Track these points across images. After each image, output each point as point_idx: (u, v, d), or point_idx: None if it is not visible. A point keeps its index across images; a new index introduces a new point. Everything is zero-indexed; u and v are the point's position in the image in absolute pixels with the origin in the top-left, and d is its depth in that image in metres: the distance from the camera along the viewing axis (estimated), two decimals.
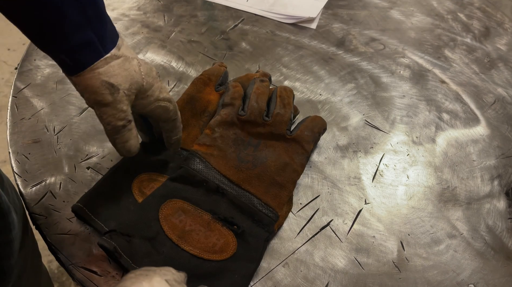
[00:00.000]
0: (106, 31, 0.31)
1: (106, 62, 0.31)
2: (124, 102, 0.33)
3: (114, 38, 0.32)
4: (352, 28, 0.63)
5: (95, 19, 0.30)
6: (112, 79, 0.31)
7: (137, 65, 0.34)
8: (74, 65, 0.31)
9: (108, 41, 0.31)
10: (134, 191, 0.40)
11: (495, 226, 0.43)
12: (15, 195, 0.43)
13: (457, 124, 0.51)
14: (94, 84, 0.31)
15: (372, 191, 0.44)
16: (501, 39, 0.63)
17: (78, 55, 0.30)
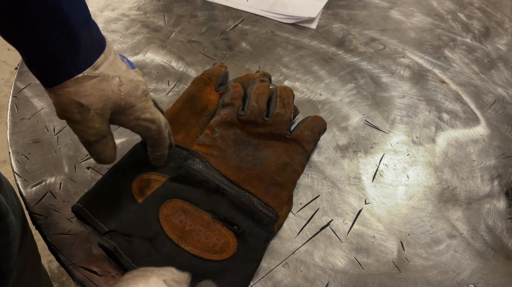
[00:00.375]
0: (78, 51, 0.30)
1: (77, 82, 0.31)
2: (96, 120, 0.32)
3: (92, 56, 0.32)
4: (352, 28, 0.63)
5: (65, 38, 0.29)
6: (82, 99, 0.31)
7: (117, 85, 0.33)
8: (46, 81, 0.31)
9: (81, 61, 0.31)
10: (134, 191, 0.40)
11: (495, 226, 0.43)
12: (14, 196, 0.43)
13: (457, 124, 0.52)
14: (63, 101, 0.31)
15: (372, 191, 0.44)
16: (501, 39, 0.63)
17: (47, 71, 0.30)
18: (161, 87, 0.52)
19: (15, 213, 0.41)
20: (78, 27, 0.30)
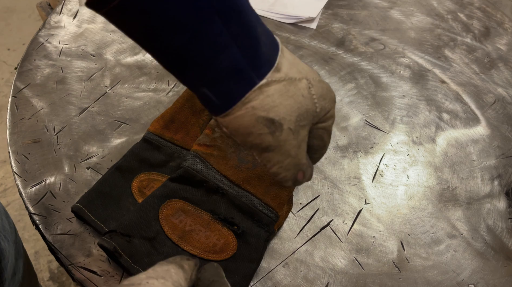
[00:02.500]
0: (259, 50, 0.23)
1: (262, 91, 0.23)
2: (291, 143, 0.24)
3: (272, 55, 0.24)
4: (352, 28, 0.63)
5: (243, 35, 0.22)
6: (271, 113, 0.23)
7: (306, 88, 0.25)
8: (219, 100, 0.24)
9: (262, 63, 0.23)
10: (134, 191, 0.40)
11: (495, 226, 0.43)
12: (6, 219, 0.42)
13: (457, 124, 0.51)
14: (247, 124, 0.24)
15: (372, 191, 0.44)
16: (501, 39, 0.63)
17: (222, 87, 0.23)
18: (161, 87, 0.52)
19: (7, 237, 0.40)
20: (254, 19, 0.23)
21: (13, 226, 0.43)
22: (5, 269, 0.39)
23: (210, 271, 0.28)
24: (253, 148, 0.25)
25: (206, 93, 0.24)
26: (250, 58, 0.23)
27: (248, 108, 0.23)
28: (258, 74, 0.23)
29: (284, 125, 0.24)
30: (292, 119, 0.24)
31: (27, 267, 0.46)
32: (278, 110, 0.24)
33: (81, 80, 0.53)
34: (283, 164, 0.25)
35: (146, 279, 0.23)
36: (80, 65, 0.54)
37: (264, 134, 0.24)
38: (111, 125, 0.48)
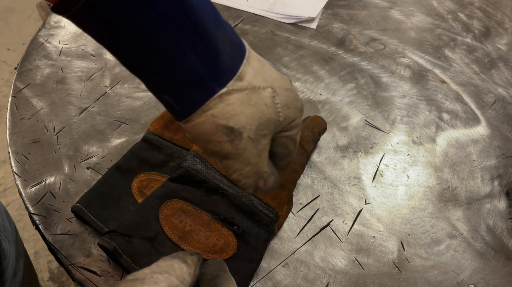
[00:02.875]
0: (218, 58, 0.23)
1: (222, 100, 0.23)
2: (251, 151, 0.24)
3: (235, 63, 0.24)
4: (352, 28, 0.63)
5: (201, 45, 0.22)
6: (231, 121, 0.23)
7: (270, 97, 0.25)
8: (180, 107, 0.24)
9: (223, 71, 0.23)
10: (134, 191, 0.40)
11: (495, 226, 0.43)
12: (7, 219, 0.42)
13: (458, 124, 0.51)
14: (207, 131, 0.24)
15: (372, 191, 0.44)
16: (502, 39, 0.63)
17: (182, 94, 0.23)
18: None
19: (8, 238, 0.40)
20: (213, 28, 0.23)
21: (13, 226, 0.43)
22: (6, 269, 0.39)
23: (214, 266, 0.28)
24: (213, 154, 0.25)
25: (168, 100, 0.24)
26: (209, 67, 0.23)
27: (208, 116, 0.24)
28: (218, 82, 0.23)
29: (244, 134, 0.24)
30: (252, 128, 0.24)
31: (27, 267, 0.46)
32: (238, 119, 0.24)
33: (81, 80, 0.53)
34: (243, 172, 0.25)
35: (150, 274, 0.23)
36: (80, 65, 0.54)
37: (224, 142, 0.24)
38: (111, 125, 0.48)
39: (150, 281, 0.22)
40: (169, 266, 0.24)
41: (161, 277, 0.23)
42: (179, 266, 0.25)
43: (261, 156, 0.25)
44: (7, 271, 0.39)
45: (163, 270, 0.24)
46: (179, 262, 0.25)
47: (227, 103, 0.23)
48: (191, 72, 0.23)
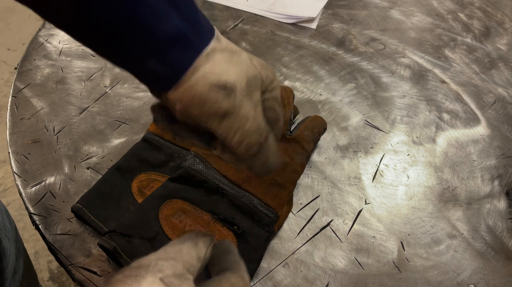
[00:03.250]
0: (199, 17, 0.23)
1: (208, 58, 0.23)
2: (247, 104, 0.24)
3: (210, 27, 0.24)
4: (352, 28, 0.63)
5: (181, 3, 0.22)
6: (222, 77, 0.23)
7: (249, 59, 0.25)
8: (168, 71, 0.22)
9: (205, 29, 0.23)
10: (134, 191, 0.40)
11: (495, 226, 0.43)
12: (7, 218, 0.42)
13: (458, 124, 0.51)
14: (201, 92, 0.23)
15: (372, 191, 0.44)
16: (502, 39, 0.63)
17: (168, 55, 0.22)
18: None
19: (8, 236, 0.40)
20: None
21: (13, 225, 0.43)
22: (6, 268, 0.39)
23: (223, 247, 0.27)
24: (211, 118, 0.24)
25: (153, 68, 0.23)
26: (192, 24, 0.22)
27: (199, 77, 0.23)
28: (203, 40, 0.23)
29: (237, 89, 0.23)
30: (243, 83, 0.24)
31: (27, 266, 0.46)
32: (228, 76, 0.23)
33: (81, 80, 0.53)
34: (245, 129, 0.24)
35: (155, 261, 0.22)
36: (80, 65, 0.54)
37: (220, 100, 0.23)
38: (111, 125, 0.48)
39: (155, 269, 0.21)
40: (176, 251, 0.23)
41: (166, 264, 0.22)
42: (187, 251, 0.24)
43: (257, 110, 0.25)
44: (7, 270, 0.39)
45: (170, 256, 0.23)
46: (189, 246, 0.24)
47: (214, 62, 0.23)
48: (178, 30, 0.22)
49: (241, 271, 0.25)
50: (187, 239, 0.25)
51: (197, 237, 0.25)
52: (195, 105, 0.23)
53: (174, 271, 0.22)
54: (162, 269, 0.22)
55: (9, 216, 0.43)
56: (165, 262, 0.22)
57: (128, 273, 0.21)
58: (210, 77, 0.23)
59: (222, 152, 0.27)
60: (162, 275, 0.21)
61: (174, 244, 0.24)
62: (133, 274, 0.21)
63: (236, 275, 0.25)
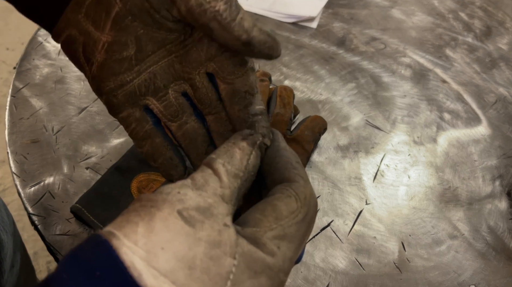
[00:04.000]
0: None
1: None
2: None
3: None
4: (352, 28, 0.62)
5: None
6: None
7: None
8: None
9: None
10: (133, 191, 0.40)
11: (496, 227, 0.42)
12: (5, 211, 0.42)
13: (459, 124, 0.51)
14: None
15: (373, 191, 0.44)
16: (503, 38, 0.63)
17: None
18: None
19: (6, 229, 0.40)
20: None
21: (11, 219, 0.43)
22: (4, 260, 0.39)
23: (273, 147, 0.23)
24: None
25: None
26: None
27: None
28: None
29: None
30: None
31: (25, 260, 0.46)
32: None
33: (80, 79, 0.52)
34: None
35: (177, 189, 0.18)
36: None
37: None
38: (110, 125, 0.48)
39: (174, 199, 0.18)
40: (205, 179, 0.19)
41: (190, 193, 0.18)
42: (216, 178, 0.19)
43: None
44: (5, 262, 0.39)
45: (197, 184, 0.19)
46: (222, 165, 0.20)
47: None
48: None
49: (299, 182, 0.21)
50: (223, 153, 0.20)
51: (235, 144, 0.21)
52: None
53: (198, 203, 0.18)
54: (183, 199, 0.18)
55: (7, 209, 0.43)
56: (190, 191, 0.18)
57: (145, 203, 0.18)
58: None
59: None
60: (182, 206, 0.17)
61: (204, 170, 0.20)
62: (148, 204, 0.18)
63: (289, 192, 0.20)
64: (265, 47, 0.22)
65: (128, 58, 0.22)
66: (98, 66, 0.22)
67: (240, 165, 0.20)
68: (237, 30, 0.21)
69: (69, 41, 0.23)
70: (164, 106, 0.24)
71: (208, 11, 0.20)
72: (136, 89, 0.23)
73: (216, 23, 0.20)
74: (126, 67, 0.23)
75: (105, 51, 0.22)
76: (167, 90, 0.24)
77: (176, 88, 0.24)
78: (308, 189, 0.21)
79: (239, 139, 0.22)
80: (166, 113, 0.24)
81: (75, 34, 0.22)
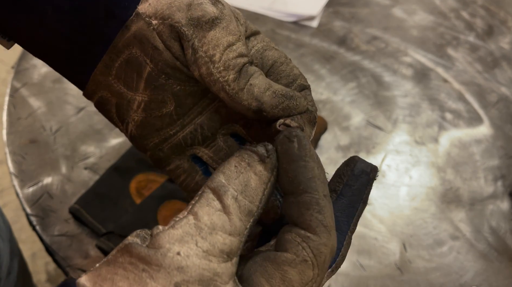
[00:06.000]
0: None
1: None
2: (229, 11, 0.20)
3: None
4: (353, 27, 0.62)
5: None
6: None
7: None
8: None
9: None
10: (132, 192, 0.40)
11: (498, 227, 0.42)
12: (1, 217, 0.41)
13: (460, 124, 0.51)
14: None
15: (374, 192, 0.44)
16: (504, 37, 0.62)
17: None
18: None
19: (2, 236, 0.40)
20: None
21: (8, 225, 0.42)
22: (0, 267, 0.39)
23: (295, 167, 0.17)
24: (196, 26, 0.19)
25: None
26: None
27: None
28: None
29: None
30: None
31: (22, 267, 0.46)
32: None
33: None
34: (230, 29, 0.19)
35: (178, 245, 0.15)
36: None
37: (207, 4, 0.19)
38: (108, 125, 0.47)
39: (173, 265, 0.14)
40: (212, 219, 0.15)
41: (193, 255, 0.14)
42: (226, 219, 0.15)
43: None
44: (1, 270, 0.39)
45: (204, 230, 0.15)
46: (234, 198, 0.16)
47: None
48: None
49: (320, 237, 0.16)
50: (232, 177, 0.16)
51: (248, 170, 0.16)
52: (175, 8, 0.19)
53: (201, 274, 0.14)
54: (183, 266, 0.14)
55: (3, 215, 0.42)
56: (193, 248, 0.14)
57: (136, 261, 0.15)
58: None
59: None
60: (181, 278, 0.14)
61: (209, 199, 0.16)
62: (140, 266, 0.14)
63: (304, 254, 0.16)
64: (279, 109, 0.19)
65: (168, 114, 0.21)
66: (137, 125, 0.22)
67: (255, 197, 0.16)
68: (246, 99, 0.19)
69: (102, 102, 0.22)
70: (213, 152, 0.22)
71: (217, 82, 0.19)
72: (181, 141, 0.22)
73: (224, 94, 0.19)
74: (167, 122, 0.22)
75: (143, 110, 0.21)
76: (215, 137, 0.22)
77: (224, 132, 0.23)
78: (330, 245, 0.16)
79: (255, 159, 0.17)
80: (217, 158, 0.22)
81: (107, 95, 0.21)
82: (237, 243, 0.15)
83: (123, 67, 0.21)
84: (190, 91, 0.21)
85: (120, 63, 0.21)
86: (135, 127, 0.22)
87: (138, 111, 0.21)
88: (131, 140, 0.23)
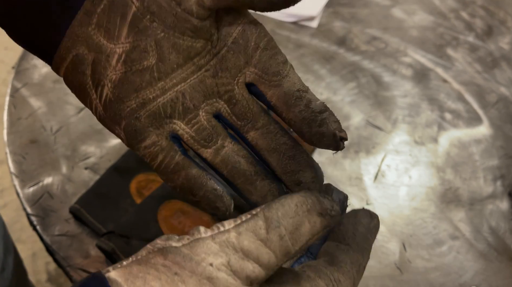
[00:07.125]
0: None
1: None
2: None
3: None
4: (353, 27, 0.62)
5: None
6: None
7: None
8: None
9: None
10: (132, 192, 0.40)
11: (498, 227, 0.42)
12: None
13: (460, 124, 0.51)
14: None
15: (374, 192, 0.44)
16: (504, 37, 0.62)
17: None
18: None
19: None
20: None
21: (1, 221, 0.42)
22: None
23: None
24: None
25: None
26: None
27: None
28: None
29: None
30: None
31: (16, 264, 0.46)
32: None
33: None
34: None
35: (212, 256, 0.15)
36: None
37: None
38: None
39: (204, 274, 0.15)
40: (258, 249, 0.15)
41: (223, 273, 0.15)
42: (267, 251, 0.15)
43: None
44: None
45: (243, 251, 0.15)
46: (281, 237, 0.15)
47: None
48: None
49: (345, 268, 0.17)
50: (287, 215, 0.16)
51: (305, 216, 0.16)
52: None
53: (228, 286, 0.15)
54: (212, 277, 0.15)
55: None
56: (225, 264, 0.15)
57: (169, 264, 0.15)
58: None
59: None
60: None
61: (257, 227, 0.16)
62: (173, 268, 0.15)
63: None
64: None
65: (149, 69, 0.20)
66: (114, 85, 0.20)
67: (298, 242, 0.16)
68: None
69: (76, 63, 0.20)
70: (195, 131, 0.21)
71: None
72: (160, 109, 0.20)
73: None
74: (147, 80, 0.20)
75: (123, 63, 0.20)
76: (198, 112, 0.21)
77: (208, 109, 0.21)
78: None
79: (316, 209, 0.16)
80: (199, 138, 0.21)
81: (83, 52, 0.20)
82: (264, 276, 0.16)
83: (106, 11, 0.19)
84: (174, 44, 0.20)
85: (104, 7, 0.19)
86: (111, 89, 0.20)
87: (117, 67, 0.20)
88: (104, 110, 0.21)
